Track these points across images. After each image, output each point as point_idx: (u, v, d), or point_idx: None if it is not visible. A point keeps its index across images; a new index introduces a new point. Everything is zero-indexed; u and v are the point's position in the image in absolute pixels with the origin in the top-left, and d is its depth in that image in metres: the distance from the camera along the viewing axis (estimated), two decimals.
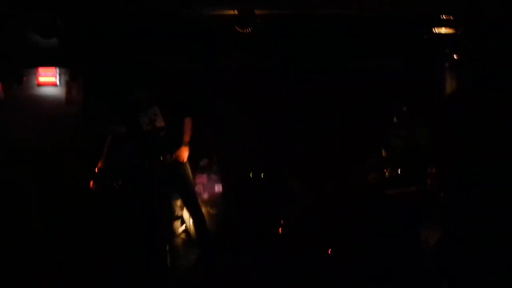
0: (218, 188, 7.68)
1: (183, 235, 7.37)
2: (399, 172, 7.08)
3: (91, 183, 6.87)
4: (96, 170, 6.87)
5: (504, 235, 5.79)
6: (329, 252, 6.84)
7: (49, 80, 8.07)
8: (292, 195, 7.62)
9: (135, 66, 7.52)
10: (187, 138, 6.71)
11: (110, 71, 7.79)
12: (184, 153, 6.70)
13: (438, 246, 6.22)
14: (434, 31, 6.45)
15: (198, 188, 7.46)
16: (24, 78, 7.84)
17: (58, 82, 8.08)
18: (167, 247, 6.80)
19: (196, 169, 7.51)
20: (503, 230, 5.83)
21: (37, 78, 8.04)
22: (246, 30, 6.51)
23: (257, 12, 6.49)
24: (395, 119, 7.40)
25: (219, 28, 6.70)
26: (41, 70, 8.02)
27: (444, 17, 6.36)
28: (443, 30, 6.43)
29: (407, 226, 6.51)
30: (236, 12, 6.45)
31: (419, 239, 6.41)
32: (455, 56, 7.06)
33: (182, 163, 6.73)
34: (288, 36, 7.30)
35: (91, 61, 7.81)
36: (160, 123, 6.79)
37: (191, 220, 7.13)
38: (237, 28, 6.53)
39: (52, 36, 6.40)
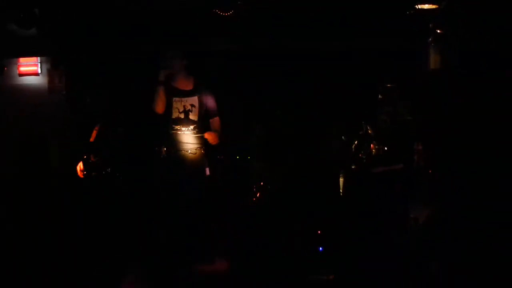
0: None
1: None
2: (385, 149, 7.06)
3: (78, 169, 6.79)
4: (84, 156, 6.78)
5: (494, 211, 5.80)
6: (319, 233, 6.86)
7: (30, 69, 8.04)
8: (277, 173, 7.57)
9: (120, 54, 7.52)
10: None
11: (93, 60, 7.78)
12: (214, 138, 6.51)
13: (427, 224, 6.23)
14: (417, 7, 6.41)
15: None
16: (5, 68, 7.80)
17: (39, 71, 8.05)
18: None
19: None
20: (493, 206, 5.83)
21: (18, 68, 8.01)
22: (226, 13, 6.45)
23: None
24: (380, 96, 7.37)
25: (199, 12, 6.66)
26: (22, 60, 7.99)
27: None
28: (426, 6, 6.39)
29: (395, 205, 6.50)
30: None
31: (408, 217, 6.40)
32: (438, 31, 7.00)
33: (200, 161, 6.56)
34: (271, 17, 7.25)
35: (73, 50, 7.74)
36: (194, 116, 6.56)
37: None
38: (218, 11, 6.47)
39: (30, 27, 6.30)
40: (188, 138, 6.52)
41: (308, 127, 7.88)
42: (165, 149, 6.51)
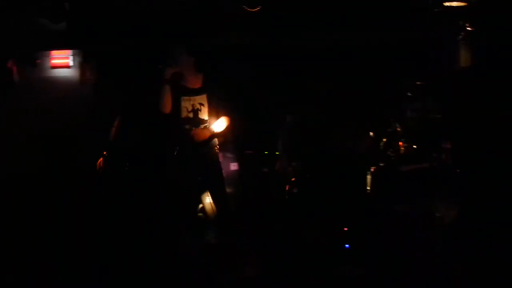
0: (234, 166, 7.65)
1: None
2: (414, 147, 7.01)
3: (98, 164, 6.82)
4: (104, 153, 6.81)
5: None
6: (345, 230, 6.85)
7: (62, 62, 8.13)
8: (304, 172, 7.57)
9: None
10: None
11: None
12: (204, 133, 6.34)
13: (452, 223, 6.19)
14: (445, 4, 6.35)
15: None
16: (38, 61, 7.90)
17: (71, 64, 8.14)
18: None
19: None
20: None
21: (50, 61, 8.11)
22: (254, 9, 6.43)
23: None
24: (409, 93, 7.33)
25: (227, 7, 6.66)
26: (55, 52, 8.09)
27: None
28: (454, 3, 6.32)
29: (421, 203, 6.46)
30: None
31: (433, 216, 6.37)
32: (469, 28, 6.93)
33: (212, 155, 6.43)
34: (297, 13, 7.24)
35: (104, 43, 7.81)
36: (203, 115, 6.39)
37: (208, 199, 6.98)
38: (245, 8, 6.45)
39: (60, 20, 6.38)
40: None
41: (337, 124, 7.85)
42: (178, 148, 6.40)
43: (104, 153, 6.83)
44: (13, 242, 6.58)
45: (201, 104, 6.35)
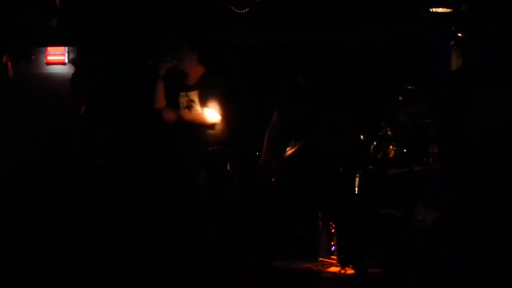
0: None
1: None
2: (404, 151, 7.02)
3: None
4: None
5: (507, 218, 5.75)
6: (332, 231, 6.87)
7: (58, 58, 8.20)
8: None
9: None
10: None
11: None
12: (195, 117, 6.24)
13: (434, 226, 6.20)
14: (431, 10, 6.36)
15: None
16: (33, 57, 7.93)
17: (67, 61, 8.20)
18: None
19: None
20: (506, 213, 5.77)
21: (46, 57, 8.18)
22: (242, 11, 6.44)
23: None
24: (400, 97, 7.33)
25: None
26: (50, 49, 8.15)
27: None
28: (440, 9, 6.34)
29: (403, 206, 6.49)
30: None
31: (415, 219, 6.39)
32: (459, 34, 6.94)
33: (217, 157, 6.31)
34: (289, 13, 7.27)
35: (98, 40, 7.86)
36: (196, 111, 6.26)
37: None
38: (233, 8, 6.46)
39: (51, 16, 6.43)
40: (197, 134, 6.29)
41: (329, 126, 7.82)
42: (176, 145, 6.40)
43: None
44: (11, 241, 6.65)
45: (192, 101, 6.28)
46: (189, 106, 6.27)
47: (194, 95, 6.28)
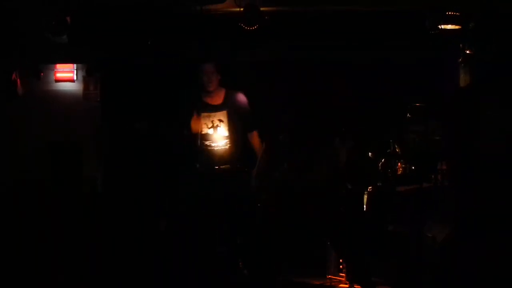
0: None
1: None
2: (412, 169, 7.01)
3: None
4: None
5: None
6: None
7: (66, 75, 8.22)
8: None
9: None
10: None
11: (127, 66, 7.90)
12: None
13: (445, 243, 6.18)
14: (440, 27, 6.38)
15: None
16: (42, 74, 7.98)
17: (75, 78, 8.22)
18: None
19: None
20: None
21: (54, 74, 8.20)
22: (251, 28, 6.46)
23: (262, 9, 6.44)
24: (409, 115, 7.33)
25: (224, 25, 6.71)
26: (59, 66, 8.18)
27: (450, 14, 6.28)
28: (449, 26, 6.35)
29: (415, 223, 6.47)
30: (241, 9, 6.39)
31: (425, 236, 6.37)
32: (468, 51, 6.95)
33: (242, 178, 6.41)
34: (297, 31, 7.28)
35: (107, 56, 7.88)
36: (224, 131, 6.36)
37: None
38: (243, 25, 6.48)
39: (62, 33, 6.45)
40: (220, 154, 6.38)
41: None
42: (198, 165, 6.40)
43: None
44: (20, 249, 6.82)
45: (220, 121, 6.35)
46: (215, 127, 6.34)
47: (222, 116, 6.35)
